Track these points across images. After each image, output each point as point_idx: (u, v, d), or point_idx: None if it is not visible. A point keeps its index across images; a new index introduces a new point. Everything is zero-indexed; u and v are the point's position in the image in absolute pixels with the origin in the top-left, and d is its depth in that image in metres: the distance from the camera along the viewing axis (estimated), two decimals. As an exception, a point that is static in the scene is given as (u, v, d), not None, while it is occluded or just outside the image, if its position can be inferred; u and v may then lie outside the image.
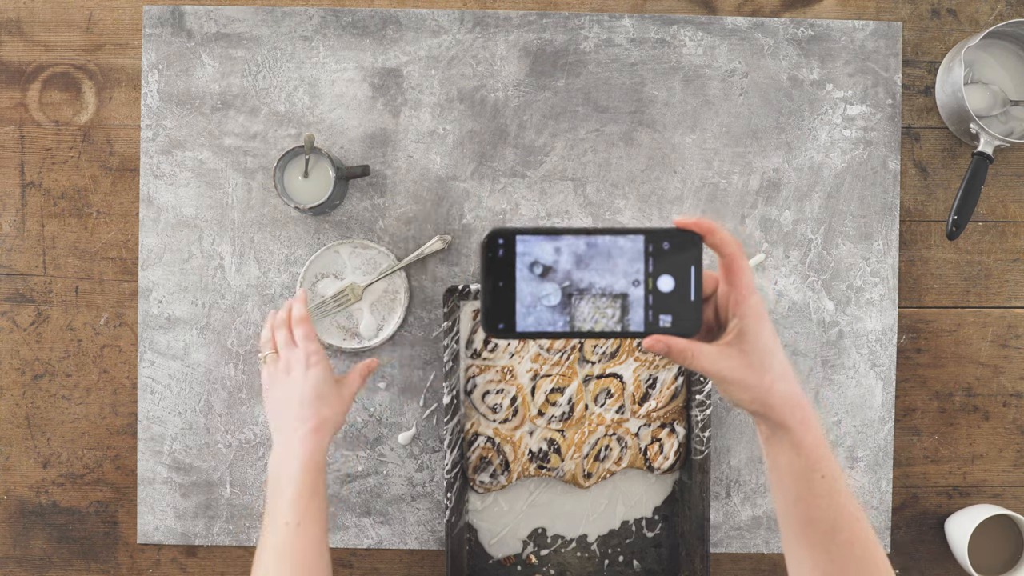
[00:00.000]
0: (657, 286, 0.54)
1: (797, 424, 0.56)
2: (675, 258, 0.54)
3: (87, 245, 0.99)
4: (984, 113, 0.96)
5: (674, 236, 0.54)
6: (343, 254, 0.97)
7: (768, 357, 0.55)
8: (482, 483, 0.95)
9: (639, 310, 0.54)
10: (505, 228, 0.53)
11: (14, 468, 0.99)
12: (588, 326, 0.53)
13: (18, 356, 0.99)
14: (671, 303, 0.54)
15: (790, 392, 0.56)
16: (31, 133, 0.99)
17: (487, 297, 0.53)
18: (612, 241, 0.53)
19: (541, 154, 0.98)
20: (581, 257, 0.54)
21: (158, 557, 0.99)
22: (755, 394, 0.56)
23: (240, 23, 0.98)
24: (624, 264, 0.54)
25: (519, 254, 0.53)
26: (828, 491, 0.57)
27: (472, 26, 0.98)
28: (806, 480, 0.57)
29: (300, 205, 0.91)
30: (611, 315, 0.54)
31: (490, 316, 0.53)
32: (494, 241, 0.53)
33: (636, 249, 0.54)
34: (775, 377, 0.55)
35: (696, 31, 0.98)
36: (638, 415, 0.96)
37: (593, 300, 0.54)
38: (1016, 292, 1.00)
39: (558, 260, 0.54)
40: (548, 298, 0.53)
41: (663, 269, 0.54)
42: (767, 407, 0.56)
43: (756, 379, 0.55)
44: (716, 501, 0.99)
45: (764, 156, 0.98)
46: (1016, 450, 1.00)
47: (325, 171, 0.94)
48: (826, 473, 0.56)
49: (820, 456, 0.56)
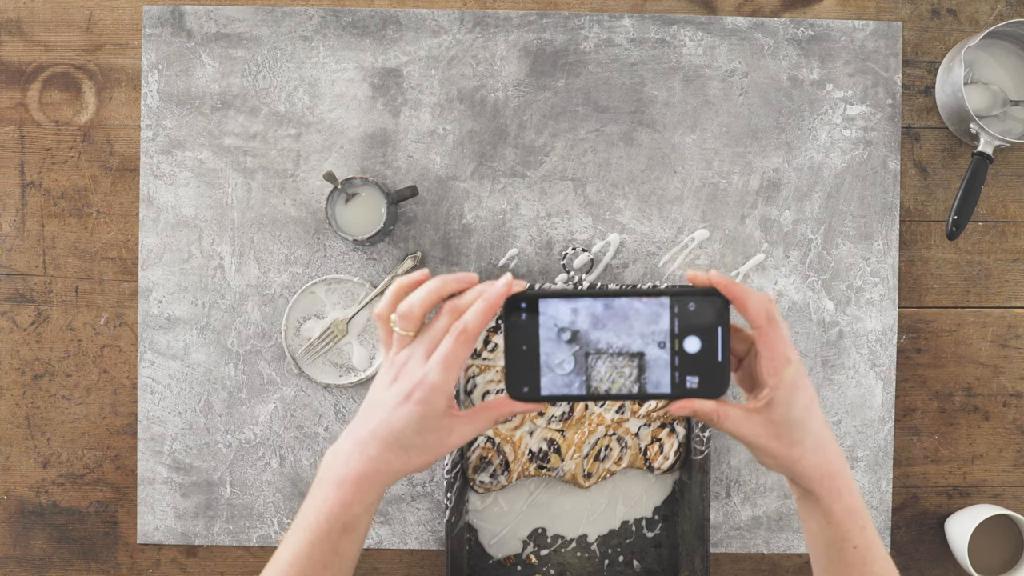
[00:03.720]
0: (684, 347, 0.53)
1: (826, 494, 0.55)
2: (701, 319, 0.53)
3: (87, 245, 0.99)
4: (984, 113, 0.96)
5: (699, 296, 0.53)
6: (319, 293, 0.97)
7: (798, 430, 0.54)
8: (482, 483, 0.95)
9: (665, 370, 0.53)
10: (528, 292, 0.53)
11: (14, 468, 0.99)
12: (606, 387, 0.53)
13: (18, 356, 0.99)
14: (698, 364, 0.53)
15: (821, 462, 0.55)
16: (31, 133, 0.99)
17: (510, 361, 0.53)
18: (636, 302, 0.53)
19: (541, 154, 0.98)
20: (602, 320, 0.53)
21: (158, 557, 0.99)
22: (782, 463, 0.55)
23: (240, 23, 0.98)
24: (648, 325, 0.53)
25: (543, 317, 0.53)
26: (860, 561, 0.55)
27: (472, 26, 0.98)
28: (837, 550, 0.56)
29: (357, 237, 0.92)
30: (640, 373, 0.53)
31: (514, 380, 0.53)
32: (517, 305, 0.53)
33: (661, 309, 0.53)
34: (805, 450, 0.54)
35: (696, 31, 0.98)
36: (638, 415, 0.96)
37: (612, 360, 0.53)
38: (1016, 292, 1.00)
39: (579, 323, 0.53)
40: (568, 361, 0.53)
41: (689, 330, 0.53)
42: (795, 475, 0.55)
43: (784, 450, 0.54)
44: (716, 501, 0.99)
45: (764, 156, 0.98)
46: (1016, 450, 1.00)
47: (374, 197, 0.94)
48: (859, 544, 0.55)
49: (852, 526, 0.55)
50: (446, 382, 0.55)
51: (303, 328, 0.97)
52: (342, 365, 0.98)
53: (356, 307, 0.97)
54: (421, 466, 0.57)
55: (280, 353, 0.98)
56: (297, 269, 0.98)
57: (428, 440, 0.56)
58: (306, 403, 0.98)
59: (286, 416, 0.98)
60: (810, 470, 0.54)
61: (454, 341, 0.54)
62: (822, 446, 0.55)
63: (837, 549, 0.55)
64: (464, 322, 0.54)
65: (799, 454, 0.54)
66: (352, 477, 0.56)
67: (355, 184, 0.94)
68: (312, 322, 0.97)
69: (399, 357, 0.57)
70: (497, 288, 0.54)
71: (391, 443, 0.56)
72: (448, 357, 0.55)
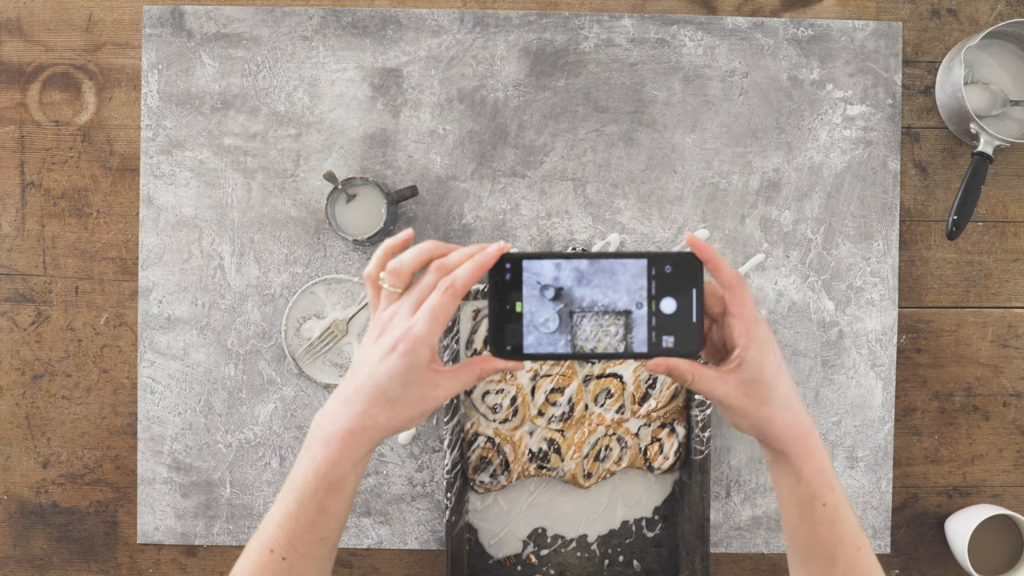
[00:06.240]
0: (660, 308, 0.56)
1: (798, 453, 0.57)
2: (677, 281, 0.56)
3: (87, 245, 0.99)
4: (984, 113, 0.96)
5: (676, 259, 0.56)
6: (319, 293, 0.97)
7: (769, 388, 0.56)
8: (482, 483, 0.95)
9: (642, 330, 0.56)
10: (512, 253, 0.56)
11: (14, 468, 0.99)
12: (591, 345, 0.55)
13: (18, 356, 0.99)
14: (673, 324, 0.56)
15: (792, 421, 0.57)
16: (31, 133, 0.99)
17: (494, 320, 0.55)
18: (615, 263, 0.55)
19: (541, 154, 0.98)
20: (585, 277, 0.55)
21: (158, 557, 0.99)
22: (753, 422, 0.57)
23: (240, 23, 0.98)
24: (627, 286, 0.56)
25: (526, 277, 0.55)
26: (829, 519, 0.58)
27: (472, 26, 0.98)
28: (807, 507, 0.58)
29: (357, 237, 0.92)
30: (615, 332, 0.56)
31: (498, 338, 0.56)
32: (501, 265, 0.55)
33: (639, 271, 0.56)
34: (776, 408, 0.56)
35: (696, 31, 0.98)
36: (638, 415, 0.96)
37: (596, 319, 0.56)
38: (1016, 292, 1.00)
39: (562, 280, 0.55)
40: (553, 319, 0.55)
41: (665, 291, 0.56)
42: (766, 435, 0.57)
43: (754, 409, 0.56)
44: (716, 501, 0.99)
45: (764, 156, 0.98)
46: (1016, 450, 1.00)
47: (374, 197, 0.94)
48: (827, 501, 0.58)
49: (821, 484, 0.58)
50: (432, 333, 0.56)
51: (303, 328, 0.97)
52: (342, 365, 0.98)
53: (356, 307, 0.97)
54: (406, 421, 0.57)
55: (280, 353, 0.98)
56: (297, 269, 0.98)
57: (412, 393, 0.57)
58: (306, 403, 0.98)
59: (286, 416, 0.98)
60: (781, 429, 0.57)
61: (442, 294, 0.55)
62: (790, 406, 0.57)
63: (808, 507, 0.58)
64: (453, 277, 0.56)
65: (769, 413, 0.56)
66: (340, 433, 0.57)
67: (355, 184, 0.94)
68: (312, 322, 0.97)
69: (386, 313, 0.58)
70: (489, 252, 0.56)
71: (377, 397, 0.56)
72: (435, 309, 0.55)
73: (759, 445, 0.60)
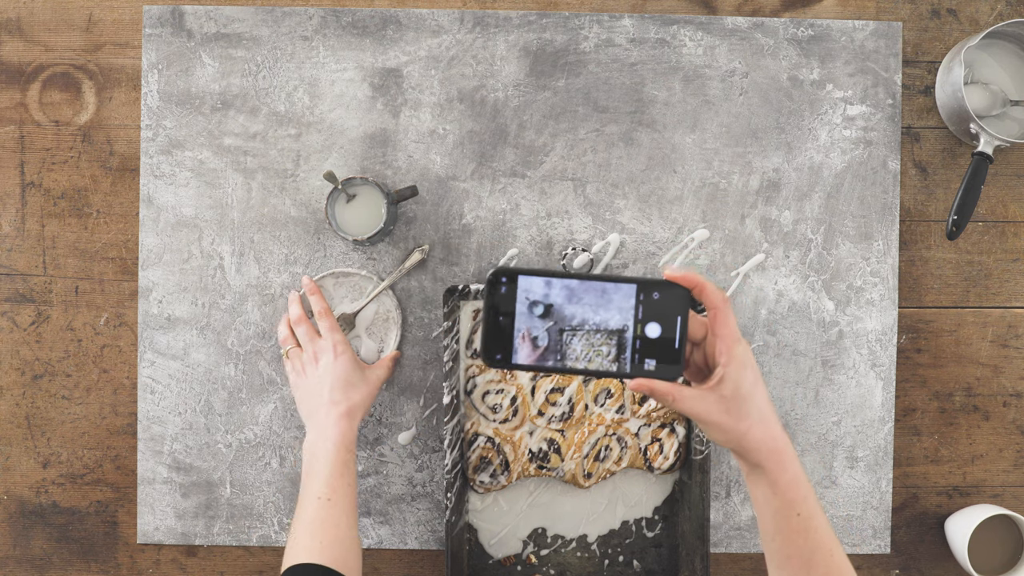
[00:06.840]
0: (645, 332, 0.58)
1: (773, 465, 0.60)
2: (664, 307, 0.58)
3: (87, 245, 0.99)
4: (984, 113, 0.96)
5: (664, 288, 0.58)
6: (327, 286, 0.97)
7: (746, 404, 0.59)
8: (482, 483, 0.95)
9: (626, 351, 0.59)
10: (509, 268, 0.59)
11: (14, 468, 0.99)
12: (581, 364, 0.58)
13: (18, 356, 0.99)
14: (656, 348, 0.58)
15: (767, 436, 0.60)
16: (31, 133, 0.99)
17: (486, 329, 0.58)
18: (606, 285, 0.58)
19: (541, 154, 0.98)
20: (575, 296, 0.58)
21: (158, 557, 0.99)
22: (731, 436, 0.60)
23: (240, 23, 0.98)
24: (615, 307, 0.58)
25: (520, 292, 0.58)
26: (804, 528, 0.61)
27: (472, 26, 0.98)
28: (783, 517, 0.61)
29: (358, 237, 0.92)
30: (601, 351, 0.59)
31: (488, 347, 0.58)
32: (498, 279, 0.58)
33: (628, 295, 0.58)
34: (752, 422, 0.59)
35: (696, 31, 0.98)
36: (638, 415, 0.96)
37: (583, 337, 0.58)
38: (1016, 292, 1.00)
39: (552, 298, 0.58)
40: (542, 336, 0.58)
41: (651, 316, 0.58)
42: (743, 449, 0.60)
43: (733, 423, 0.59)
44: (716, 501, 0.99)
45: (764, 156, 0.98)
46: (1016, 450, 1.00)
47: (374, 197, 0.94)
48: (802, 511, 0.61)
49: (796, 495, 0.61)
50: (343, 338, 0.91)
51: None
52: None
53: (364, 300, 0.97)
54: (366, 397, 0.89)
55: (280, 353, 0.98)
56: (297, 269, 0.98)
57: (362, 378, 0.90)
58: (306, 403, 0.98)
59: (286, 416, 0.98)
60: (757, 443, 0.60)
61: (320, 319, 0.92)
62: (766, 420, 0.60)
63: (784, 517, 0.61)
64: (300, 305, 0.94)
65: (747, 427, 0.59)
66: (342, 413, 0.86)
67: (355, 184, 0.94)
68: None
69: (306, 355, 0.91)
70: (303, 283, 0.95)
71: (344, 385, 0.88)
72: (331, 326, 0.91)
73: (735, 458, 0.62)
